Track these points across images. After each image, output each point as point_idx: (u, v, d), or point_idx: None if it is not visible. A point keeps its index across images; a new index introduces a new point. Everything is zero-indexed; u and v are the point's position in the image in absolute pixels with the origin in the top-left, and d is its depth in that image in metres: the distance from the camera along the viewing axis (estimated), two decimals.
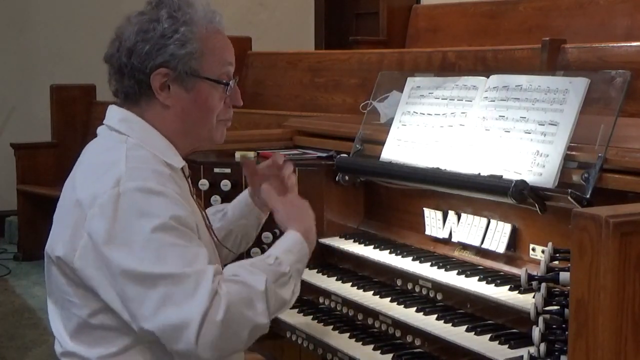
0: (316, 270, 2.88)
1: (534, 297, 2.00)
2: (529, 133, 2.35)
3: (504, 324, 2.29)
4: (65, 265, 1.99)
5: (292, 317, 2.72)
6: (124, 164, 1.97)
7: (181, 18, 2.06)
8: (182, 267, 1.89)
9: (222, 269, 2.23)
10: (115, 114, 2.12)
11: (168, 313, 1.87)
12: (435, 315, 2.38)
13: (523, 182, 2.26)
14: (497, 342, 2.18)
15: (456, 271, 2.47)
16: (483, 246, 2.51)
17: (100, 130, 2.14)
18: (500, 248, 2.46)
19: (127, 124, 2.08)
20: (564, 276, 1.93)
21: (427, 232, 2.73)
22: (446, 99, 2.70)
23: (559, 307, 1.95)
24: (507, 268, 2.44)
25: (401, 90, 2.90)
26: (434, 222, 2.71)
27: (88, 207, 1.94)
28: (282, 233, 2.91)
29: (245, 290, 1.95)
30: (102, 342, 1.99)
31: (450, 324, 2.32)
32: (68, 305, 2.02)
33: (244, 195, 2.53)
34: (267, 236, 2.94)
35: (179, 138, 2.13)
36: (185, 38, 2.05)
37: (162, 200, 1.93)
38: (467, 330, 2.28)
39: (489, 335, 2.22)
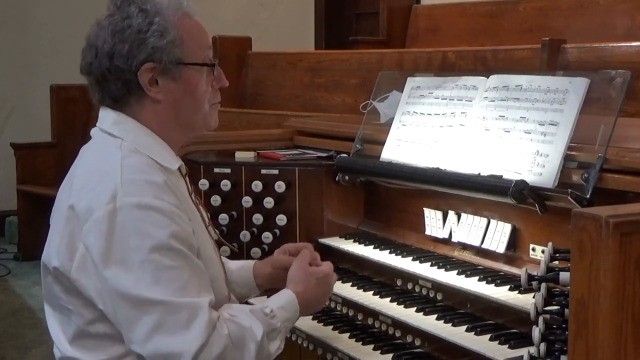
0: None
1: (534, 297, 2.00)
2: (529, 133, 2.35)
3: (504, 324, 2.29)
4: (62, 275, 1.97)
5: None
6: (119, 174, 1.94)
7: (152, 9, 2.03)
8: (177, 294, 1.87)
9: (223, 266, 2.24)
10: (108, 117, 2.08)
11: (160, 341, 1.86)
12: (435, 315, 2.38)
13: (523, 182, 2.26)
14: (497, 342, 2.18)
15: (456, 271, 2.47)
16: (483, 246, 2.51)
17: (94, 132, 2.11)
18: (500, 248, 2.46)
19: (120, 126, 2.05)
20: (564, 276, 1.93)
21: (427, 232, 2.73)
22: (446, 99, 2.70)
23: (559, 307, 1.95)
24: (507, 268, 2.44)
25: (401, 90, 2.90)
26: (434, 222, 2.71)
27: (84, 220, 1.92)
28: (282, 234, 2.93)
29: (242, 335, 1.96)
30: (100, 348, 1.98)
31: (450, 324, 2.32)
32: (66, 313, 2.01)
33: (249, 265, 2.47)
34: (267, 236, 2.94)
35: (174, 131, 2.10)
36: (162, 28, 2.02)
37: (159, 217, 1.90)
38: (467, 330, 2.28)
39: (489, 335, 2.22)
